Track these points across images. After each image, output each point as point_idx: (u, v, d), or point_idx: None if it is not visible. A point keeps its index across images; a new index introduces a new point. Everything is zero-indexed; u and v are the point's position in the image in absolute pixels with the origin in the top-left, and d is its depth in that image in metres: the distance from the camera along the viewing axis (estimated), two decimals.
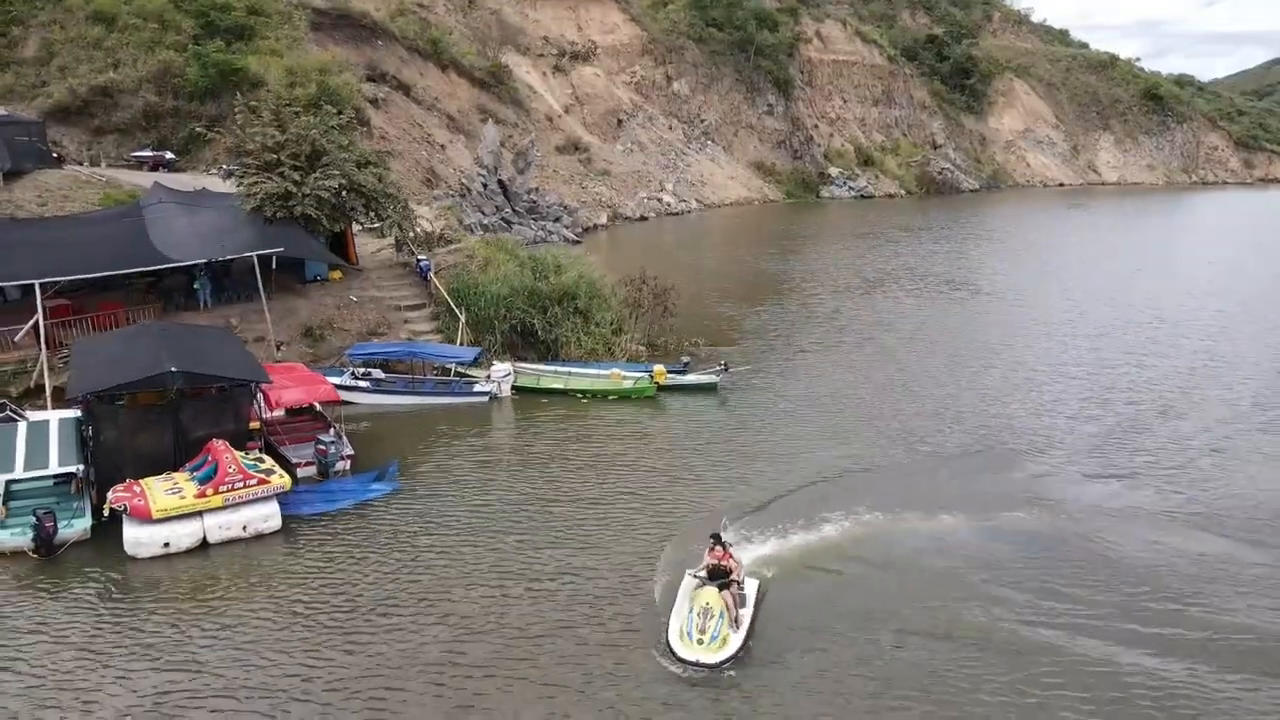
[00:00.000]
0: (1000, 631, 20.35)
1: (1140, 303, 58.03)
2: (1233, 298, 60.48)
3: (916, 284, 63.22)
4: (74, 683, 17.99)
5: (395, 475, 27.64)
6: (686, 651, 18.70)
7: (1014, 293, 61.55)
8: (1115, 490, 28.78)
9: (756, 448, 31.47)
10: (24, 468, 24.00)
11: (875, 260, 73.21)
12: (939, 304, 56.96)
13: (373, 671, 18.50)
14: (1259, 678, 18.89)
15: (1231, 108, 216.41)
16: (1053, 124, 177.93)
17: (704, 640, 18.83)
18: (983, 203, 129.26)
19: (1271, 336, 49.70)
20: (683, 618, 19.59)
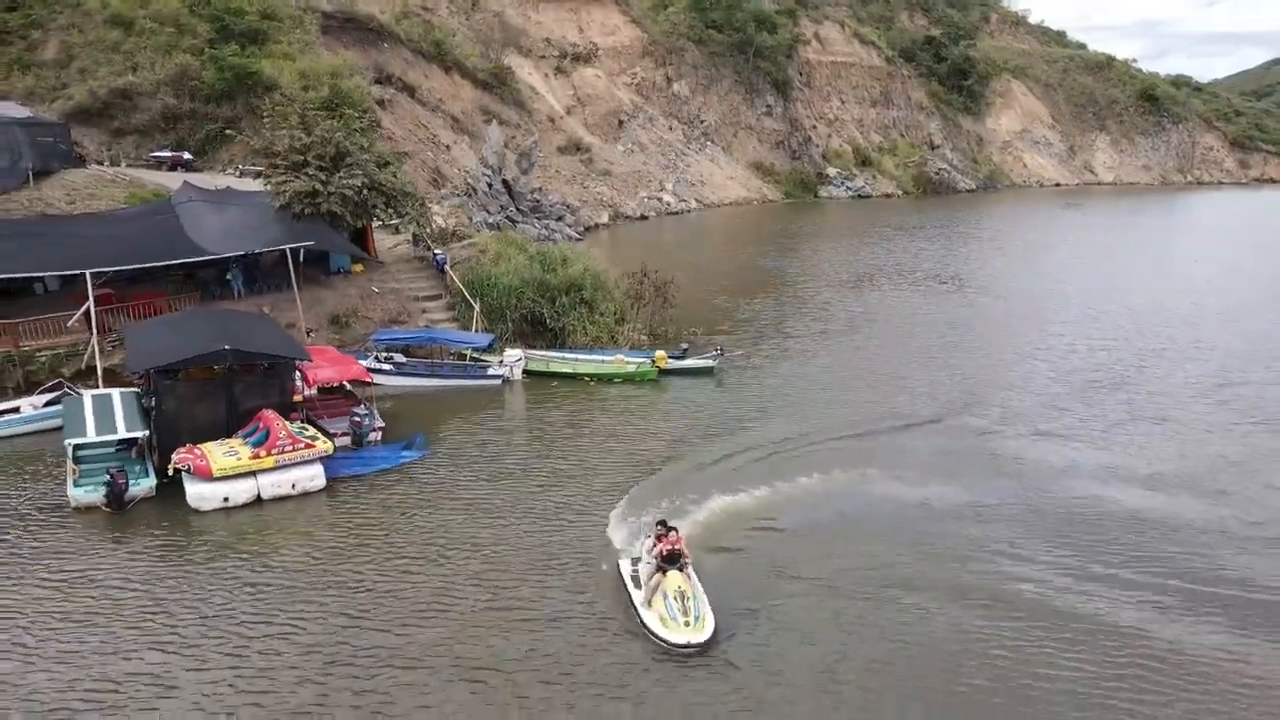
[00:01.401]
0: (967, 579, 22.71)
1: (1119, 294, 60.78)
2: (1210, 289, 63.36)
3: (906, 279, 65.51)
4: (150, 618, 20.45)
5: (423, 444, 30.64)
6: (677, 635, 19.55)
7: (998, 287, 63.84)
8: (1067, 452, 31.82)
9: (747, 422, 34.22)
10: (95, 433, 26.69)
11: (868, 257, 75.38)
12: (925, 297, 59.33)
13: (408, 606, 21.09)
14: (1195, 617, 21.16)
15: (1229, 108, 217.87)
16: (1049, 124, 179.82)
17: (690, 622, 19.75)
18: (978, 203, 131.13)
19: (1239, 324, 52.38)
20: (660, 606, 20.22)
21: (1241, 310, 56.72)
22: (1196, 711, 17.96)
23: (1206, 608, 21.60)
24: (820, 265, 71.20)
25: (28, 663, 18.77)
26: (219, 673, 18.50)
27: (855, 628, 20.57)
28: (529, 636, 19.93)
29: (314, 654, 19.19)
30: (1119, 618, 21.00)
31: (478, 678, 18.56)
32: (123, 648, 19.34)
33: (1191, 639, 20.31)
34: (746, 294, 57.91)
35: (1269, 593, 22.38)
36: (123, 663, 18.82)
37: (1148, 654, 19.68)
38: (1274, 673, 19.17)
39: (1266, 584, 22.78)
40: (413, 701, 17.80)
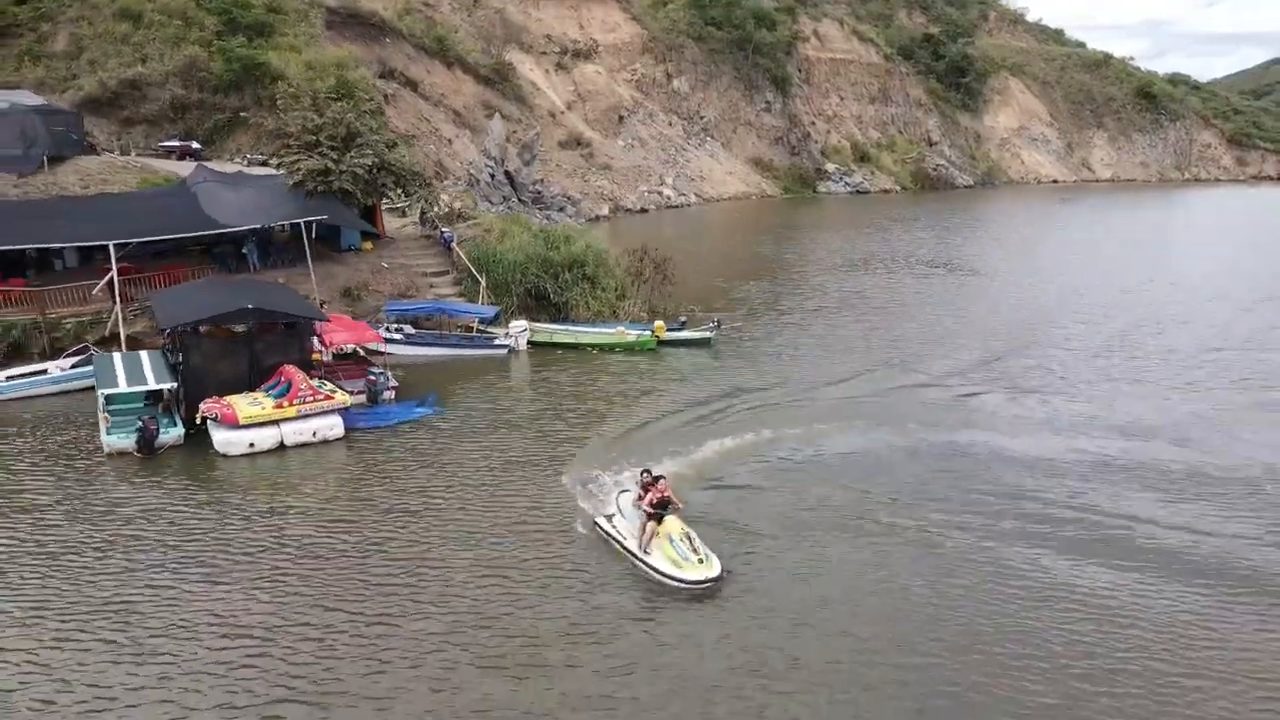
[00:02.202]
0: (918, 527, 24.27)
1: (1100, 278, 63.19)
2: (1186, 278, 64.90)
3: (897, 265, 67.38)
4: (184, 551, 22.12)
5: (434, 402, 32.58)
6: (693, 573, 20.67)
7: (985, 270, 66.08)
8: (1035, 407, 34.43)
9: (739, 384, 36.44)
10: (126, 384, 28.83)
11: (862, 246, 76.91)
12: (915, 279, 61.50)
13: (414, 540, 22.98)
14: (1127, 561, 22.59)
15: (1227, 106, 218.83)
16: (1047, 122, 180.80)
17: (702, 559, 20.96)
18: (975, 198, 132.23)
19: (1209, 306, 54.41)
20: (667, 549, 21.19)
21: (1217, 291, 58.90)
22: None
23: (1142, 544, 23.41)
24: (816, 253, 72.75)
25: (72, 584, 20.45)
26: (233, 591, 20.32)
27: (838, 565, 21.97)
28: (523, 564, 21.86)
29: (327, 578, 20.89)
30: (1067, 535, 23.61)
31: (474, 596, 20.40)
32: (159, 584, 20.75)
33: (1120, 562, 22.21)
34: (744, 277, 59.49)
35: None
36: (161, 596, 20.37)
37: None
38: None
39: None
40: (410, 614, 19.60)
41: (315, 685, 17.10)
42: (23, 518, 23.60)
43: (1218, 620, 19.68)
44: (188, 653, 17.94)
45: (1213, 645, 18.80)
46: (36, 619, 19.05)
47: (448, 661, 17.86)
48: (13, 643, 18.20)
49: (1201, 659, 18.30)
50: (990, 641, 18.78)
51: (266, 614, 19.36)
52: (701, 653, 18.37)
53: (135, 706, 16.40)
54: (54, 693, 16.73)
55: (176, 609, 19.51)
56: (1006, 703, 16.90)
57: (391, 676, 17.34)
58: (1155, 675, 17.74)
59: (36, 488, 25.54)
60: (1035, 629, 19.23)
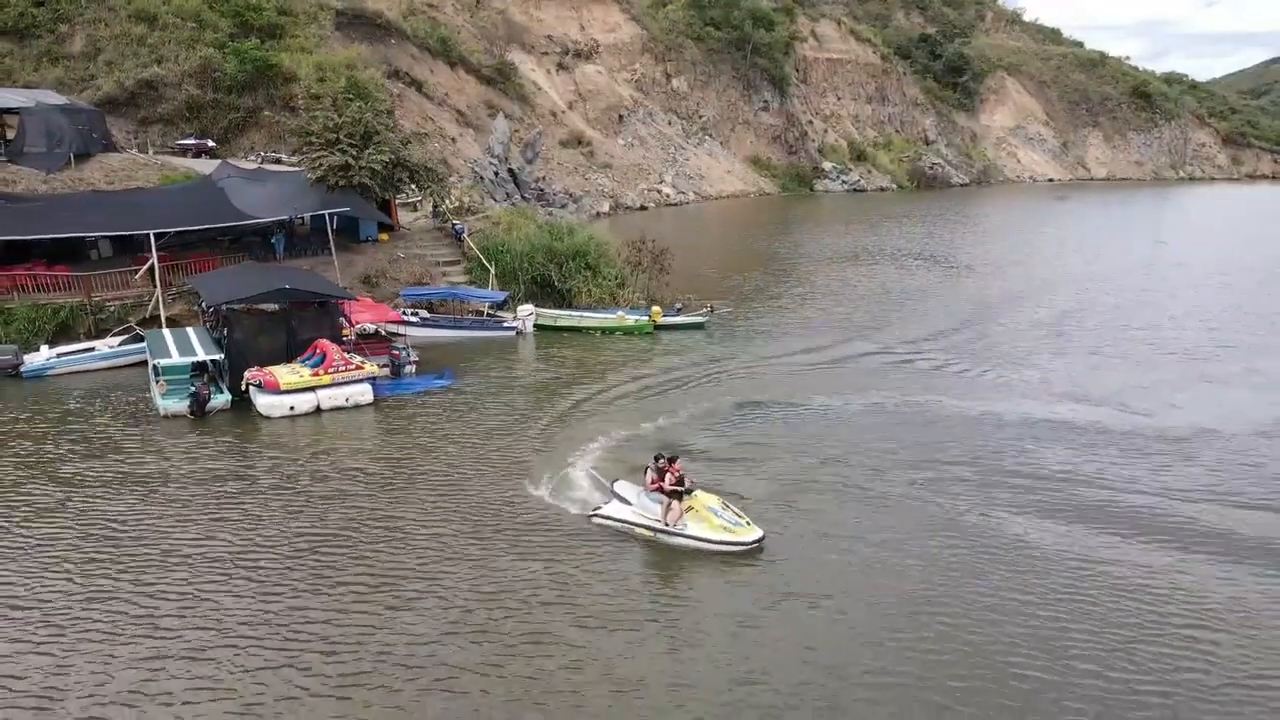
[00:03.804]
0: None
1: (1079, 267, 67.21)
2: (1159, 266, 68.70)
3: (885, 257, 70.25)
4: (235, 506, 24.84)
5: (452, 375, 35.89)
6: (747, 535, 22.39)
7: (967, 262, 69.15)
8: (996, 377, 37.97)
9: (729, 365, 39.22)
10: (178, 355, 32.17)
11: (852, 241, 79.75)
12: (900, 270, 64.57)
13: (431, 489, 26.01)
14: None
15: (1224, 106, 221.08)
16: (1043, 121, 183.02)
17: (747, 523, 22.72)
18: (970, 196, 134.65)
19: (1179, 293, 57.72)
20: (710, 519, 22.68)
21: (1191, 280, 62.26)
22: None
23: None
24: (807, 247, 75.48)
25: (141, 538, 23.07)
26: (272, 530, 23.43)
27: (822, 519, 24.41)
28: (525, 499, 25.26)
29: (357, 523, 23.81)
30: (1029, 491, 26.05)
31: (479, 539, 23.08)
32: (198, 514, 24.15)
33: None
34: (739, 269, 62.21)
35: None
36: (218, 526, 23.44)
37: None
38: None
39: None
40: (422, 549, 22.51)
41: (335, 588, 20.37)
42: (95, 463, 27.31)
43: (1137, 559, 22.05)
44: (226, 565, 21.42)
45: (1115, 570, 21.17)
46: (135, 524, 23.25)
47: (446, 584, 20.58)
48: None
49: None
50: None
51: (304, 539, 22.88)
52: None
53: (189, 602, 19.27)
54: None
55: (230, 545, 22.54)
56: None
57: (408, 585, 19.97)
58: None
59: (105, 443, 28.86)
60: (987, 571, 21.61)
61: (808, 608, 19.83)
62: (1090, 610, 19.73)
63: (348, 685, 17.09)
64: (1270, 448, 29.65)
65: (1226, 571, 21.44)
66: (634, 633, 18.89)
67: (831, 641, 18.60)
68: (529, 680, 17.31)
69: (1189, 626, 19.21)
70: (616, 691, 16.99)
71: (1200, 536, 23.21)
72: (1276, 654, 18.32)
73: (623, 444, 29.03)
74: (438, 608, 19.63)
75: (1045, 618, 19.39)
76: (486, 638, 18.64)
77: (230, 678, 17.28)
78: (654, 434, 29.90)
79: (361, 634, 18.65)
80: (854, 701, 16.73)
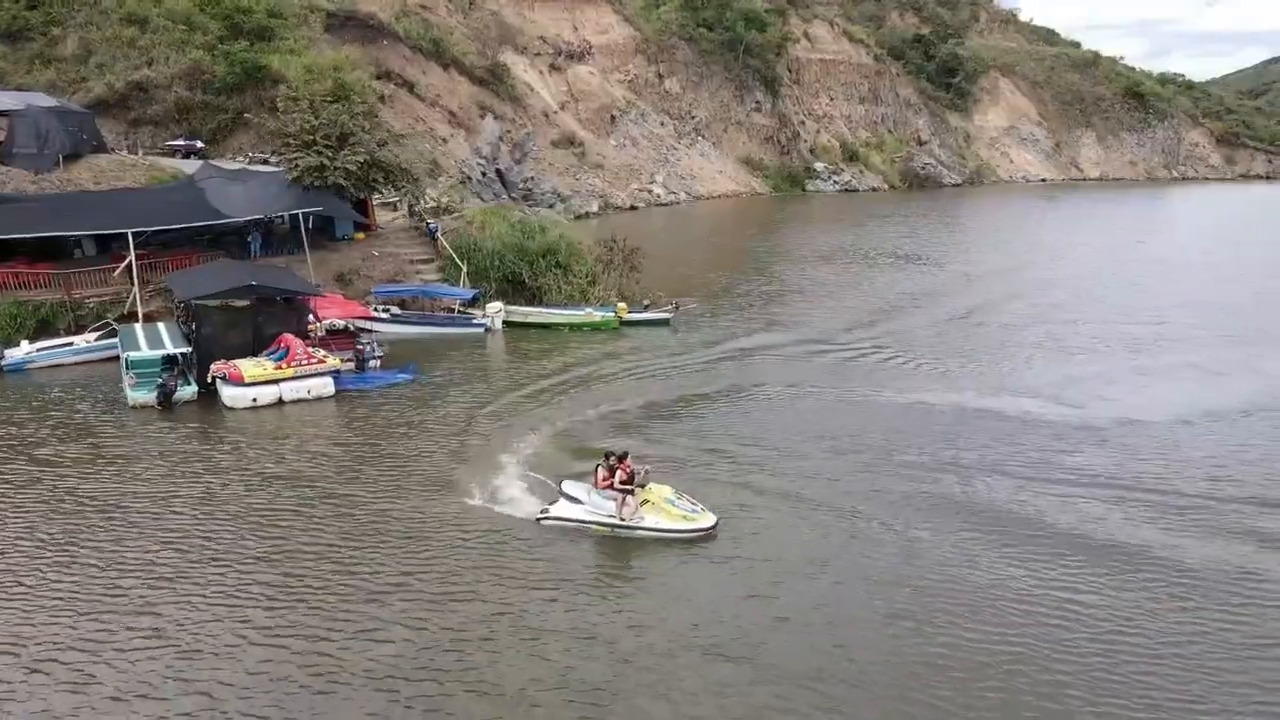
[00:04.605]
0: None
1: (1051, 266, 68.77)
2: (1129, 264, 70.26)
3: (858, 256, 71.73)
4: (196, 484, 26.43)
5: (415, 370, 37.07)
6: (705, 520, 23.39)
7: (937, 260, 70.65)
8: (930, 372, 39.17)
9: (687, 357, 40.97)
10: (147, 348, 33.90)
11: (833, 240, 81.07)
12: (871, 268, 66.32)
13: (388, 469, 27.59)
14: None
15: (1220, 105, 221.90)
16: (1036, 121, 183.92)
17: (702, 510, 23.72)
18: (960, 197, 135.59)
19: (1141, 290, 59.43)
20: (667, 509, 23.50)
21: (1157, 277, 64.27)
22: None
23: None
24: (787, 246, 76.94)
25: (102, 512, 24.61)
26: (226, 506, 25.02)
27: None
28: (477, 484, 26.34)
29: (307, 501, 25.33)
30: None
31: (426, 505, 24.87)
32: (172, 495, 25.55)
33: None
34: (715, 267, 63.82)
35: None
36: (174, 503, 24.90)
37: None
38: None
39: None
40: (365, 522, 24.05)
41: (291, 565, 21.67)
42: (69, 446, 29.07)
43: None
44: (192, 542, 22.82)
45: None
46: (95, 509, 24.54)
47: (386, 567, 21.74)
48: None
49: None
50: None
51: (257, 513, 24.51)
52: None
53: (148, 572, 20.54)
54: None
55: (188, 518, 24.22)
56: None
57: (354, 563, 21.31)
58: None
59: (76, 433, 30.34)
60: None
61: (756, 587, 21.00)
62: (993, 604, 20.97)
63: (283, 635, 18.83)
64: (1183, 435, 31.06)
65: (1116, 554, 22.71)
66: (550, 597, 20.21)
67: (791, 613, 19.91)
68: (450, 631, 19.06)
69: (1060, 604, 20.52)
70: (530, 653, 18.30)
71: (1094, 522, 24.49)
72: (1128, 633, 19.41)
73: (574, 435, 30.30)
74: (368, 573, 21.27)
75: (965, 600, 20.58)
76: (408, 593, 20.48)
77: (174, 629, 19.03)
78: (607, 425, 31.30)
79: (299, 596, 20.29)
80: (809, 683, 17.68)
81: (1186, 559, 22.29)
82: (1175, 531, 23.84)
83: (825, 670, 17.92)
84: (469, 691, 17.16)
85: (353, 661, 17.91)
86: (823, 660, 18.25)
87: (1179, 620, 19.71)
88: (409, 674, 17.58)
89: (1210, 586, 21.06)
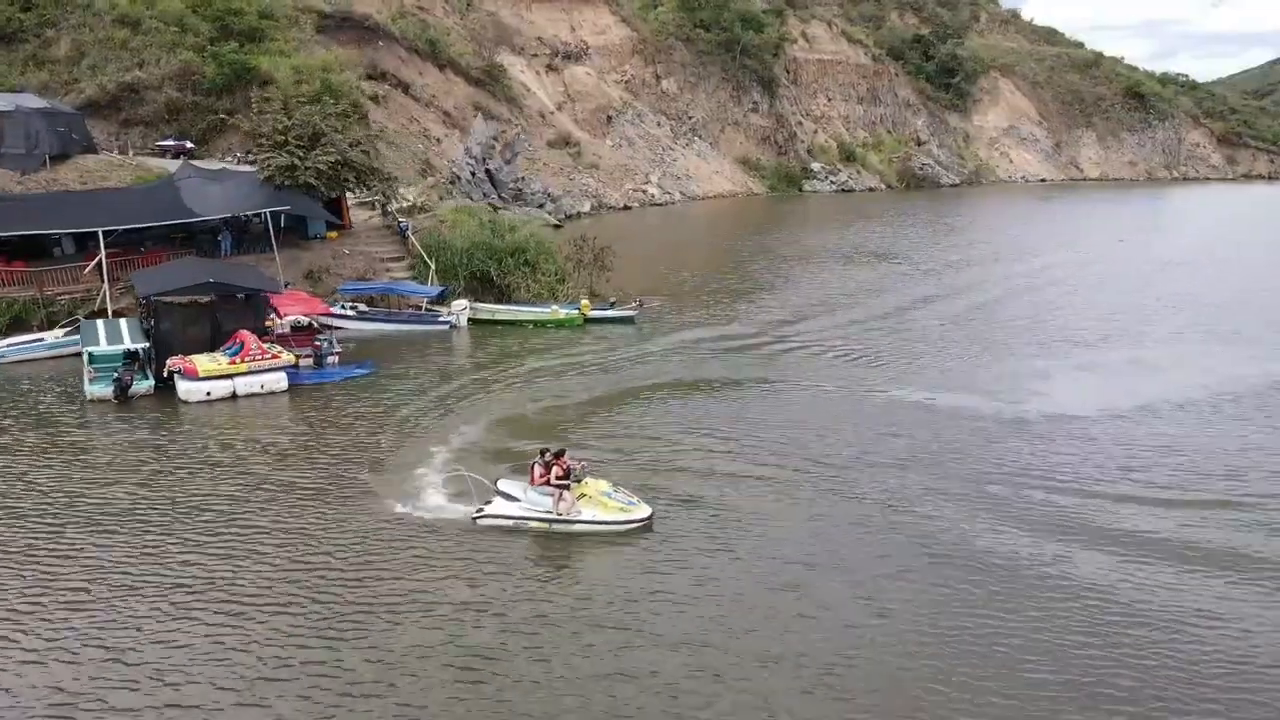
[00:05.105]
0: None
1: (1012, 265, 69.99)
2: (1104, 263, 71.64)
3: (838, 256, 72.76)
4: (139, 471, 27.73)
5: (371, 366, 38.39)
6: (640, 512, 23.98)
7: (914, 259, 71.72)
8: (879, 369, 40.20)
9: (642, 353, 42.06)
10: (106, 343, 35.01)
11: (816, 239, 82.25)
12: (844, 267, 67.39)
13: (326, 459, 28.79)
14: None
15: (1223, 106, 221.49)
16: (1036, 121, 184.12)
17: (635, 501, 24.36)
18: (956, 197, 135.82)
19: (1106, 288, 60.78)
20: (603, 502, 24.11)
21: (1127, 275, 65.62)
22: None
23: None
24: (769, 245, 77.62)
25: (48, 495, 25.93)
26: (166, 491, 26.25)
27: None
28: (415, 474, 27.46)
29: (249, 487, 26.58)
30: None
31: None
32: (115, 481, 26.76)
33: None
34: (691, 266, 64.82)
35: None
36: (116, 488, 26.18)
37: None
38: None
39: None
40: (299, 509, 25.10)
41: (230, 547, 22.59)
42: (25, 440, 30.11)
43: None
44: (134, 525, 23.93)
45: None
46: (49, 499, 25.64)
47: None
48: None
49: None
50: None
51: (196, 498, 25.72)
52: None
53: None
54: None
55: (128, 501, 25.51)
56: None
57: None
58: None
59: (36, 423, 31.71)
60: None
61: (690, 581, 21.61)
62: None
63: (196, 609, 19.96)
64: (1110, 430, 32.00)
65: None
66: (454, 574, 21.25)
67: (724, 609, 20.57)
68: (355, 605, 20.16)
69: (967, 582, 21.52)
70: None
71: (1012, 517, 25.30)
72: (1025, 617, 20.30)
73: (517, 429, 31.27)
74: (289, 553, 22.53)
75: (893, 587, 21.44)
76: (327, 571, 21.63)
77: (102, 601, 20.26)
78: (551, 418, 32.35)
79: (221, 574, 21.41)
80: (738, 664, 18.42)
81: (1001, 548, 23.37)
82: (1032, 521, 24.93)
83: (697, 637, 19.03)
84: (358, 653, 18.41)
85: (257, 631, 19.10)
86: (700, 627, 19.40)
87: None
88: (306, 641, 18.80)
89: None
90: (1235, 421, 33.23)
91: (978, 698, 17.30)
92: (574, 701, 17.03)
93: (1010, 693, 17.46)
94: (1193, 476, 28.06)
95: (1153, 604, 20.54)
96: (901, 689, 17.57)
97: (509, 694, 17.22)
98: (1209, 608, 20.43)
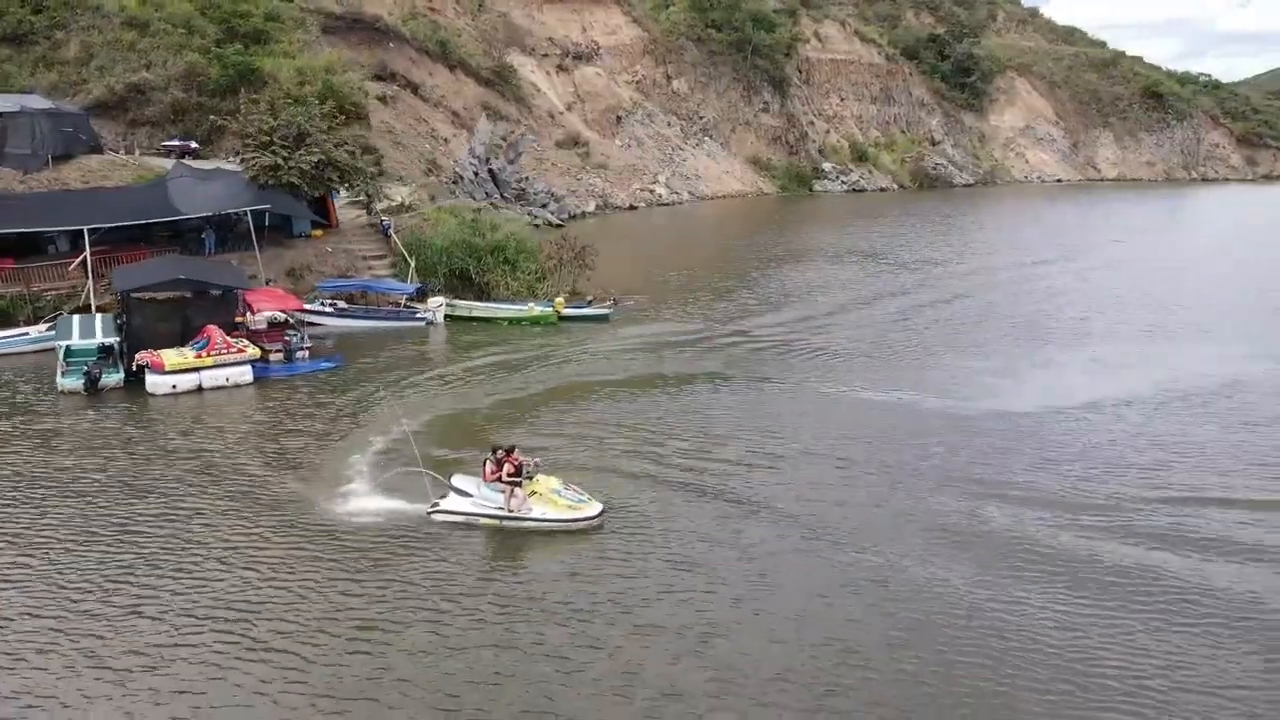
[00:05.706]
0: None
1: (999, 265, 70.61)
2: (1091, 263, 71.81)
3: (829, 255, 73.07)
4: (118, 462, 28.89)
5: (339, 360, 39.68)
6: (591, 509, 24.31)
7: (905, 259, 72.07)
8: (847, 366, 40.89)
9: (610, 349, 42.96)
10: (79, 338, 36.70)
11: (815, 239, 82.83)
12: (833, 267, 67.76)
13: (299, 445, 30.28)
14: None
15: (1246, 106, 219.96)
16: (1053, 121, 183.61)
17: (585, 499, 24.63)
18: (968, 197, 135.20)
19: (1084, 288, 61.57)
20: (554, 500, 24.37)
21: (1110, 276, 66.03)
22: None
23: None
24: (765, 245, 78.14)
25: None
26: (128, 480, 27.28)
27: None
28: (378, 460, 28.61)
29: (203, 474, 27.78)
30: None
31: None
32: (84, 469, 28.06)
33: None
34: (683, 266, 65.49)
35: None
36: (85, 478, 27.38)
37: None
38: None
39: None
40: (247, 495, 26.15)
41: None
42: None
43: None
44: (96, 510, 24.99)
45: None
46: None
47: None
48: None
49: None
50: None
51: (152, 486, 26.80)
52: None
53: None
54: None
55: (90, 483, 26.87)
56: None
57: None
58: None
59: (9, 412, 33.12)
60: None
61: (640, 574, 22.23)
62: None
63: (154, 590, 20.97)
64: (1051, 427, 32.75)
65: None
66: (392, 560, 22.33)
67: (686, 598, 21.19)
68: (287, 584, 21.18)
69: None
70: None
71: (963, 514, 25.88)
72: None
73: (473, 423, 32.38)
74: (230, 535, 23.59)
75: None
76: (261, 552, 22.70)
77: (60, 577, 21.53)
78: (508, 412, 33.38)
79: (166, 556, 22.51)
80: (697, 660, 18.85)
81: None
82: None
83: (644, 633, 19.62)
84: (268, 623, 19.58)
85: (184, 606, 20.22)
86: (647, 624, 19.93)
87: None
88: (228, 612, 20.00)
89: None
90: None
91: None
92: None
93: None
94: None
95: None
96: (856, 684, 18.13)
97: (406, 667, 18.21)
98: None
